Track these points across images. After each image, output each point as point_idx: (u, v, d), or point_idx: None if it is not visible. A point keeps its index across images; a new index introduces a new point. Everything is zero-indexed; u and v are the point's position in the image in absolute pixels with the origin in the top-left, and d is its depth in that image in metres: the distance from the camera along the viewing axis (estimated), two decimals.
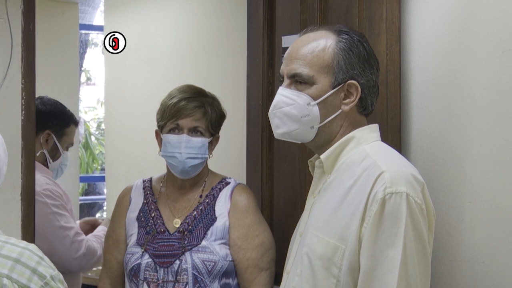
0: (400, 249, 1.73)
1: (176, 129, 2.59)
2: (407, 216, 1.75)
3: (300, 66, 1.95)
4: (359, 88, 1.94)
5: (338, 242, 1.83)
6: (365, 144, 1.94)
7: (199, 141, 2.58)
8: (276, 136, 2.04)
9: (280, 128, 2.00)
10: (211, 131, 2.62)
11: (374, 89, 1.98)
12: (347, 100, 1.95)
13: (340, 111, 1.95)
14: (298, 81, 1.96)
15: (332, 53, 1.94)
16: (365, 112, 1.99)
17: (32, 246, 1.48)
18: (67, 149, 3.44)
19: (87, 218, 3.64)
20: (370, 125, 2.00)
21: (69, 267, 3.11)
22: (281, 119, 1.99)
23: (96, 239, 3.33)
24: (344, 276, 1.82)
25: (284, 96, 1.97)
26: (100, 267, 4.76)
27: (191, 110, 2.58)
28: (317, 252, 1.88)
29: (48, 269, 1.45)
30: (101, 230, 3.44)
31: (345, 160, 1.93)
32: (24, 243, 1.47)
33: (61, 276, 1.49)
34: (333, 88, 1.93)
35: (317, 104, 1.94)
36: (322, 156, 1.97)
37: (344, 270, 1.82)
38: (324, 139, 1.98)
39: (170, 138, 2.58)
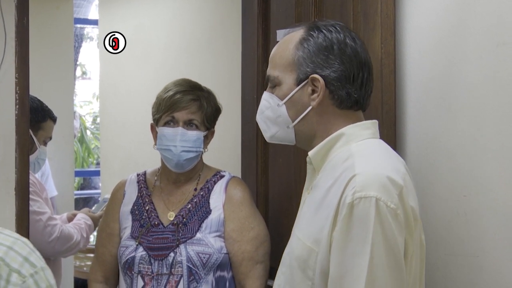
0: (367, 257, 1.64)
1: (172, 122, 2.59)
2: (375, 222, 1.65)
3: (270, 69, 1.94)
4: (321, 81, 1.85)
5: (313, 245, 1.78)
6: (354, 142, 1.85)
7: (194, 134, 2.58)
8: (267, 140, 2.03)
9: (266, 132, 2.00)
10: (206, 124, 2.63)
11: (349, 80, 1.86)
12: (314, 95, 1.87)
13: (310, 107, 1.88)
14: (272, 84, 1.95)
15: (293, 49, 1.89)
16: (344, 105, 1.88)
17: (24, 239, 1.50)
18: (45, 144, 3.47)
19: (75, 211, 3.68)
20: (365, 122, 1.91)
21: (44, 251, 3.13)
22: (265, 122, 1.99)
23: (73, 226, 3.38)
24: (318, 279, 1.77)
25: (264, 99, 1.97)
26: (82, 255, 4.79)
27: (186, 103, 2.59)
28: (295, 254, 1.84)
29: (39, 260, 1.47)
30: (80, 218, 3.49)
31: (333, 158, 1.86)
32: (17, 235, 1.49)
33: (50, 271, 1.50)
34: (297, 85, 1.89)
35: (285, 103, 1.90)
36: (310, 153, 1.91)
37: (317, 273, 1.77)
38: (305, 138, 1.93)
39: (165, 131, 2.58)
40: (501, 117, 1.91)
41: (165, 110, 2.59)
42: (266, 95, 1.96)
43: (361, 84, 1.88)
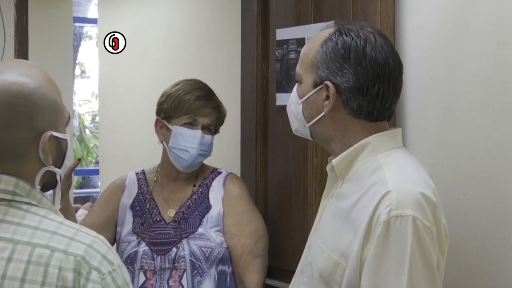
0: (405, 278, 1.60)
1: (190, 124, 2.61)
2: (413, 241, 1.61)
3: (298, 64, 1.89)
4: (332, 89, 1.78)
5: (340, 258, 1.72)
6: (380, 152, 1.78)
7: (210, 139, 2.64)
8: (293, 133, 1.98)
9: (292, 125, 1.95)
10: (216, 129, 2.69)
11: (361, 92, 1.77)
12: (326, 102, 1.80)
13: (323, 113, 1.82)
14: (296, 80, 1.90)
15: (315, 50, 1.82)
16: (360, 116, 1.80)
17: (101, 237, 1.55)
18: None
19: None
20: (389, 131, 1.84)
21: None
22: (290, 116, 1.95)
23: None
24: None
25: (292, 93, 1.92)
26: None
27: (211, 109, 2.64)
28: (319, 265, 1.79)
29: (116, 258, 1.52)
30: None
31: (358, 168, 1.79)
32: (95, 233, 1.54)
33: (126, 269, 1.55)
34: (314, 88, 1.83)
35: (302, 103, 1.86)
36: (334, 162, 1.84)
37: (344, 287, 1.72)
38: (321, 140, 1.90)
39: (183, 131, 2.60)
40: (500, 116, 1.91)
41: (187, 112, 2.61)
42: (294, 89, 1.91)
43: (375, 97, 1.78)
